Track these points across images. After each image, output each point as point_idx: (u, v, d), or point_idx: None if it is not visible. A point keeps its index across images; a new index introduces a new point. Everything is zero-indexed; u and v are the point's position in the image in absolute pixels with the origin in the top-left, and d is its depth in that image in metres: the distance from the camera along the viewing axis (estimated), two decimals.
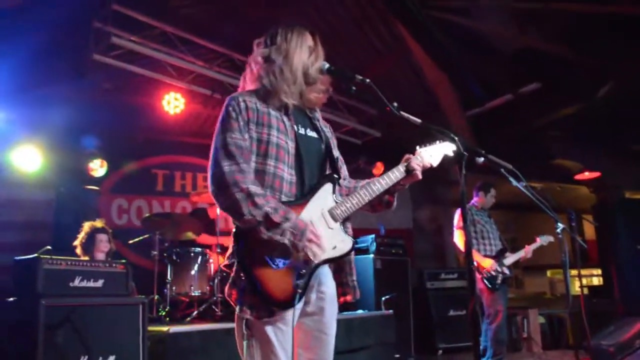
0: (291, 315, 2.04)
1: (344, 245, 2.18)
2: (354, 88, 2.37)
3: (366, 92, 2.43)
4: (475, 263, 5.58)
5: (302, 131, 2.28)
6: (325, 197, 2.21)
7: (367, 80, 2.33)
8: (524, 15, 5.85)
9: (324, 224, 2.16)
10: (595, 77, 6.76)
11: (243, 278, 2.01)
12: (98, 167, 6.81)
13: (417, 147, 2.53)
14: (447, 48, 5.86)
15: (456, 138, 2.33)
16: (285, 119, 2.23)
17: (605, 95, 6.93)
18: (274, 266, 1.99)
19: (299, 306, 2.05)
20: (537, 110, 7.63)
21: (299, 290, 2.01)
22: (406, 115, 2.41)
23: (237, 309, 2.03)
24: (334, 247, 2.15)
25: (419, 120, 2.43)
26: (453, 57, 6.02)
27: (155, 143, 7.83)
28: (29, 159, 6.32)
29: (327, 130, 2.48)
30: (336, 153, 2.43)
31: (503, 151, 2.39)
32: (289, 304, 2.00)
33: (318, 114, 2.47)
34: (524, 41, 6.12)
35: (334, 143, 2.45)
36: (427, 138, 2.55)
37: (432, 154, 2.49)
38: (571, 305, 4.43)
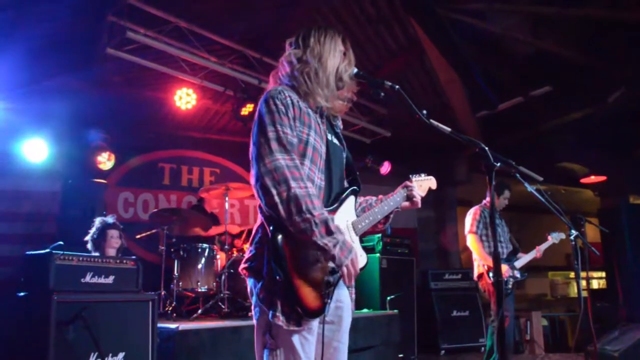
0: (316, 325, 2.05)
1: (362, 260, 2.16)
2: (382, 94, 2.36)
3: (394, 98, 2.42)
4: (486, 267, 5.55)
5: (329, 137, 2.27)
6: (349, 209, 2.23)
7: (397, 87, 2.30)
8: (538, 20, 5.82)
9: (348, 236, 2.14)
10: (606, 82, 6.74)
11: (279, 282, 1.92)
12: (105, 160, 6.78)
13: (411, 176, 2.59)
14: (461, 49, 5.82)
15: (486, 148, 2.31)
16: (320, 121, 2.21)
17: (616, 100, 6.90)
18: (309, 275, 1.97)
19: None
20: (546, 114, 7.62)
21: (327, 300, 2.01)
22: (435, 123, 2.39)
23: (270, 314, 1.95)
24: None
25: (448, 129, 2.41)
26: (467, 58, 5.98)
27: (162, 137, 7.82)
28: (36, 150, 6.30)
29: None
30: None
31: (510, 152, 2.39)
32: (318, 313, 1.98)
33: (340, 122, 2.46)
34: (538, 45, 6.08)
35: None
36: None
37: (422, 184, 2.59)
38: (582, 309, 4.42)
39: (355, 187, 2.32)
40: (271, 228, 1.98)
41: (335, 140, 2.33)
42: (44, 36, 5.35)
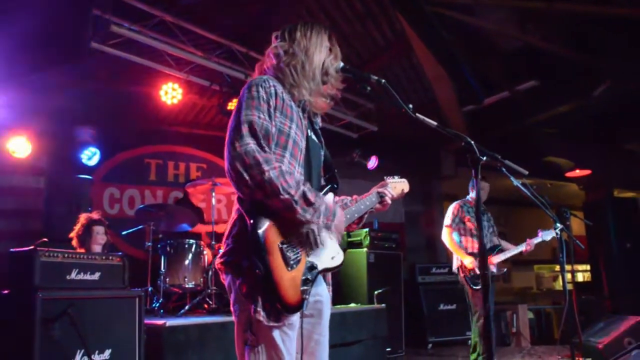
0: (297, 320, 2.05)
1: (339, 258, 2.18)
2: (368, 88, 2.36)
3: (380, 93, 2.42)
4: (459, 262, 5.61)
5: (309, 133, 2.28)
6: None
7: (383, 80, 2.31)
8: (525, 14, 5.84)
9: (327, 234, 2.13)
10: (592, 76, 6.79)
11: (260, 276, 1.90)
12: (91, 155, 6.71)
13: (385, 178, 2.60)
14: (448, 44, 5.84)
15: (472, 142, 2.32)
16: (302, 115, 2.20)
17: (601, 94, 6.96)
18: (288, 268, 1.95)
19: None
20: (532, 108, 7.67)
21: (306, 296, 2.00)
22: (421, 117, 2.39)
23: (252, 309, 1.94)
24: (333, 258, 2.15)
25: (434, 123, 2.41)
26: (453, 53, 6.00)
27: (148, 132, 7.76)
28: (20, 146, 6.22)
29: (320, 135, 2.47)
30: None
31: (496, 146, 2.41)
32: (297, 308, 1.97)
33: (319, 120, 2.45)
34: (524, 39, 6.11)
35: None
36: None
37: (396, 186, 2.59)
38: (567, 302, 4.46)
39: (334, 184, 2.33)
40: (252, 221, 1.95)
41: (314, 137, 2.33)
42: (28, 30, 5.27)
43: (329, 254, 2.13)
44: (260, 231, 1.93)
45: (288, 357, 1.99)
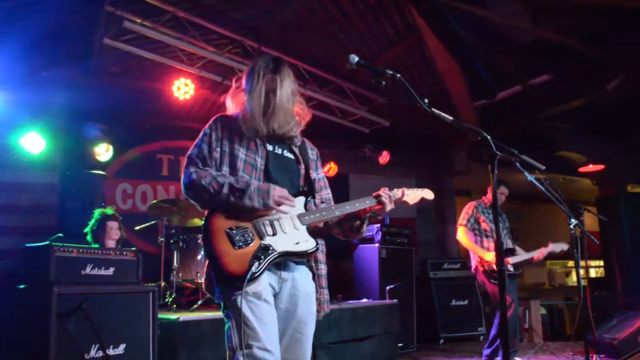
0: (264, 292, 2.23)
1: (307, 245, 2.37)
2: (384, 83, 2.37)
3: (395, 87, 2.42)
4: (477, 260, 5.63)
5: (278, 151, 2.56)
6: (298, 206, 2.45)
7: (398, 75, 2.32)
8: (538, 7, 5.80)
9: (292, 224, 2.38)
10: (605, 70, 6.73)
11: (208, 254, 2.26)
12: (103, 152, 6.74)
13: (395, 189, 2.68)
14: (461, 37, 5.79)
15: (488, 137, 2.30)
16: (257, 139, 2.49)
17: (614, 89, 6.90)
18: (235, 247, 2.21)
19: (265, 284, 2.25)
20: (545, 102, 7.61)
21: (253, 270, 2.17)
22: (437, 111, 2.38)
23: (214, 288, 2.28)
24: (297, 243, 2.35)
25: (450, 118, 2.41)
26: (466, 46, 5.95)
27: (160, 128, 7.77)
28: (34, 142, 6.25)
29: (313, 153, 2.72)
30: (315, 175, 2.66)
31: (508, 141, 2.40)
32: (240, 277, 2.15)
33: (297, 140, 2.66)
34: (537, 33, 6.06)
35: (316, 165, 2.71)
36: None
37: (409, 194, 2.71)
38: (581, 298, 4.43)
39: (305, 191, 2.55)
40: (205, 215, 2.36)
41: (289, 154, 2.59)
42: (41, 27, 5.29)
43: (292, 240, 2.34)
44: (207, 219, 2.31)
45: (257, 323, 2.17)
